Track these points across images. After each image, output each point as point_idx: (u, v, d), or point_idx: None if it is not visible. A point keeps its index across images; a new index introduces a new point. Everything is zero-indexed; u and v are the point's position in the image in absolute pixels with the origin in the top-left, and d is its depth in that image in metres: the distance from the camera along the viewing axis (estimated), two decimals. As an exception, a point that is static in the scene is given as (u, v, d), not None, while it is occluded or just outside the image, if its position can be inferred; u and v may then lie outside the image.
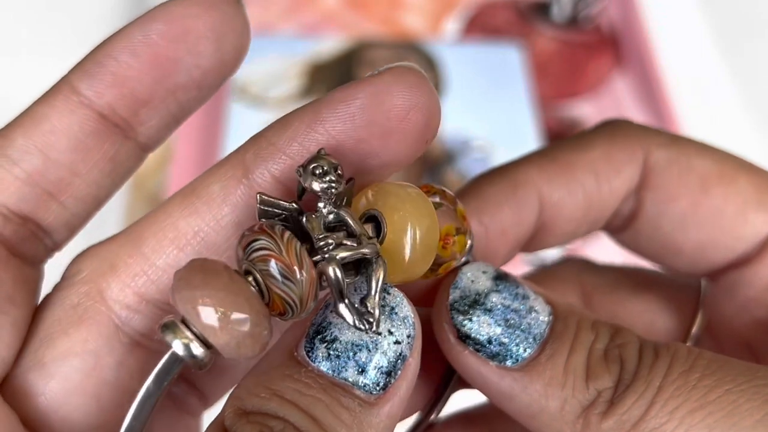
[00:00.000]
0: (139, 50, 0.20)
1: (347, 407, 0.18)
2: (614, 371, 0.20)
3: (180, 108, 0.21)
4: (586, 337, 0.21)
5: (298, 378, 0.18)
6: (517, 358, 0.21)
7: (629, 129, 0.25)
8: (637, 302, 0.28)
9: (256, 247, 0.18)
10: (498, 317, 0.21)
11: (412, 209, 0.19)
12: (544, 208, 0.24)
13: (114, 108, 0.21)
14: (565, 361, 0.20)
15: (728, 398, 0.19)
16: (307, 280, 0.18)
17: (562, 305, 0.22)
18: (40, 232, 0.21)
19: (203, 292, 0.17)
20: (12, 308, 0.21)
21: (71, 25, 0.72)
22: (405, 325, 0.19)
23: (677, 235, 0.24)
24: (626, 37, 0.74)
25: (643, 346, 0.20)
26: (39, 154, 0.20)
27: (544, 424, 0.21)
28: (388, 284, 0.20)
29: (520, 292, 0.22)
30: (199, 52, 0.20)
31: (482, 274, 0.22)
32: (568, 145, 0.25)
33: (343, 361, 0.19)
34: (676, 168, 0.24)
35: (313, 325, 0.19)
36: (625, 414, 0.19)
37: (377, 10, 0.74)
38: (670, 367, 0.19)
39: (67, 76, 0.21)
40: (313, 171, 0.18)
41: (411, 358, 0.19)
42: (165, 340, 0.18)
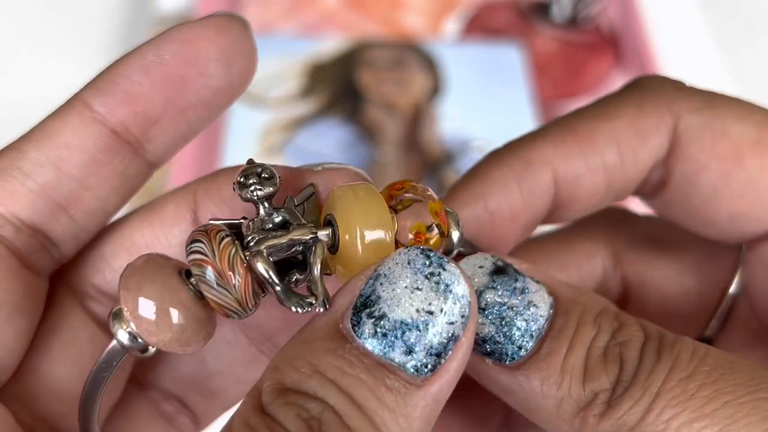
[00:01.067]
0: (151, 70, 0.21)
1: (391, 389, 0.18)
2: (612, 372, 0.19)
3: (189, 127, 0.22)
4: (586, 333, 0.20)
5: (342, 354, 0.18)
6: (513, 356, 0.20)
7: (659, 91, 0.23)
8: (669, 262, 0.26)
9: (193, 249, 0.19)
10: (493, 316, 0.21)
11: (358, 211, 0.19)
12: (560, 186, 0.23)
13: (126, 125, 0.21)
14: (563, 360, 0.20)
15: (726, 411, 0.18)
16: (240, 285, 0.19)
17: (565, 295, 0.21)
18: (49, 244, 0.22)
19: (139, 293, 0.19)
20: (20, 318, 0.21)
21: (71, 26, 0.72)
22: (460, 304, 0.18)
23: (708, 206, 0.23)
24: (626, 37, 0.74)
25: (645, 345, 0.20)
26: (52, 167, 0.21)
27: (543, 420, 0.21)
28: (444, 259, 0.19)
29: (518, 286, 0.21)
30: (210, 74, 0.21)
31: (478, 270, 0.21)
32: (592, 113, 0.24)
33: (390, 340, 0.18)
34: (709, 135, 0.23)
35: (361, 296, 0.18)
36: (621, 418, 0.19)
37: (377, 10, 0.74)
38: (670, 372, 0.19)
39: (79, 93, 0.21)
40: (238, 183, 0.19)
41: (464, 338, 0.18)
42: (111, 328, 0.19)
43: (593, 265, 0.27)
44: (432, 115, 0.65)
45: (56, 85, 0.68)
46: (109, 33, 0.71)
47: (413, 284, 0.18)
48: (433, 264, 0.18)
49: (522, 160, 0.23)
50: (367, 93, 0.66)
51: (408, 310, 0.18)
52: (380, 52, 0.69)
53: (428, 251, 0.19)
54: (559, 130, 0.23)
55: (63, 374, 0.22)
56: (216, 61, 0.21)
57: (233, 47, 0.21)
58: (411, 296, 0.18)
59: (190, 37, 0.21)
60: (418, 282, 0.18)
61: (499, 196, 0.23)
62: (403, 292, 0.18)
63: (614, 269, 0.27)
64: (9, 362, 0.21)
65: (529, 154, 0.23)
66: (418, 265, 0.18)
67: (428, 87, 0.67)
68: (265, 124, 0.62)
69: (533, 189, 0.23)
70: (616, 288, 0.27)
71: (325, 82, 0.67)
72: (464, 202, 0.23)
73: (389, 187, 0.21)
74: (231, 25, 0.21)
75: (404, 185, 0.21)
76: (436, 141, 0.64)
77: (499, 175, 0.23)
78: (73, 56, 0.70)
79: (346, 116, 0.65)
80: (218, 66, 0.21)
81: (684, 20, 0.76)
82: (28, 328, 0.21)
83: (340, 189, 0.20)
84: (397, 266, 0.18)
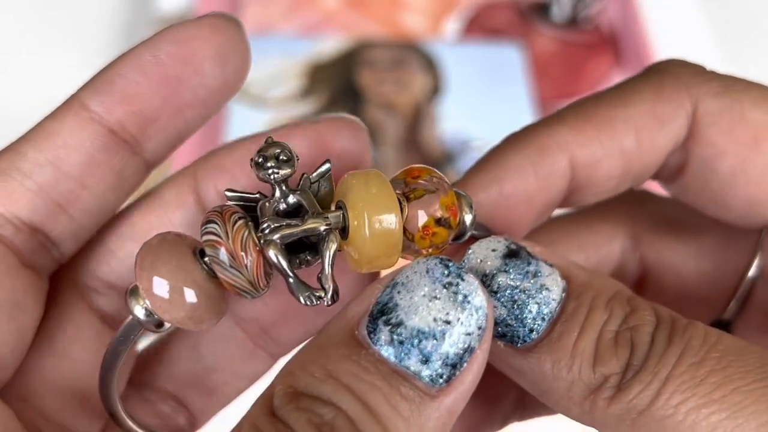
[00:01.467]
0: (148, 69, 0.21)
1: (406, 398, 0.17)
2: (623, 356, 0.19)
3: (185, 126, 0.22)
4: (598, 317, 0.20)
5: (357, 360, 0.18)
6: (524, 339, 0.20)
7: (678, 75, 0.23)
8: (688, 244, 0.26)
9: (207, 229, 0.19)
10: (505, 299, 0.20)
11: (368, 199, 0.19)
12: (577, 171, 0.23)
13: (123, 124, 0.21)
14: (573, 343, 0.20)
15: (734, 398, 0.18)
16: (252, 266, 0.19)
17: (579, 278, 0.21)
18: (48, 243, 0.22)
19: (153, 272, 0.19)
20: (20, 316, 0.21)
21: (71, 26, 0.72)
22: (477, 315, 0.18)
23: (726, 191, 0.23)
24: (626, 37, 0.74)
25: (657, 330, 0.20)
26: (50, 167, 0.21)
27: (554, 402, 0.21)
28: (462, 269, 0.19)
29: (531, 270, 0.21)
30: (205, 72, 0.21)
31: (491, 253, 0.21)
32: (610, 98, 0.23)
33: (407, 347, 0.18)
34: (727, 120, 0.22)
35: (378, 303, 0.18)
36: (631, 402, 0.19)
37: (377, 10, 0.74)
38: (680, 358, 0.19)
39: (76, 94, 0.22)
40: (255, 162, 0.20)
41: (479, 350, 0.18)
42: (128, 304, 0.20)
43: (612, 247, 0.27)
44: (432, 115, 0.65)
45: (56, 84, 0.68)
46: (109, 33, 0.71)
47: (431, 293, 0.18)
48: (452, 274, 0.18)
49: (538, 144, 0.23)
50: (367, 93, 0.66)
51: (425, 318, 0.18)
52: (380, 52, 0.69)
53: (447, 261, 0.19)
54: (577, 114, 0.23)
55: (67, 372, 0.22)
56: (211, 60, 0.21)
57: (228, 46, 0.21)
58: (429, 305, 0.18)
59: (186, 36, 0.21)
60: (436, 291, 0.18)
61: (514, 180, 0.23)
62: (421, 301, 0.18)
63: (633, 251, 0.27)
64: (10, 361, 0.21)
65: (546, 139, 0.23)
66: (437, 274, 0.18)
67: (428, 87, 0.67)
68: (265, 124, 0.62)
69: (549, 173, 0.23)
70: (634, 270, 0.27)
71: (325, 82, 0.67)
72: (480, 185, 0.23)
73: (406, 172, 0.21)
74: (225, 24, 0.21)
75: (421, 173, 0.21)
76: (436, 141, 0.64)
77: (515, 159, 0.23)
78: (73, 56, 0.70)
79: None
80: (213, 65, 0.21)
81: (684, 20, 0.76)
82: (29, 327, 0.21)
83: (352, 176, 0.20)
84: (416, 275, 0.18)
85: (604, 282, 0.21)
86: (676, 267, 0.26)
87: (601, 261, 0.27)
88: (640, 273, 0.27)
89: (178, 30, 0.21)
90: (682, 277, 0.26)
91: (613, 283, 0.21)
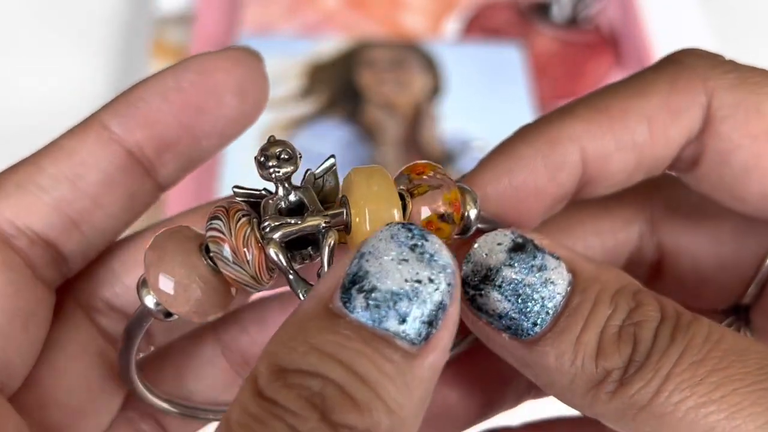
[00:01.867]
0: (170, 96, 0.22)
1: (390, 359, 0.17)
2: (625, 352, 0.20)
3: (200, 154, 0.23)
4: (602, 312, 0.20)
5: (337, 330, 0.18)
6: (528, 332, 0.21)
7: (693, 67, 0.23)
8: (707, 230, 0.26)
9: (211, 225, 0.20)
10: (508, 293, 0.21)
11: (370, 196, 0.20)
12: (588, 164, 0.23)
13: (142, 147, 0.22)
14: (577, 337, 0.20)
15: (733, 399, 0.18)
16: (254, 262, 0.20)
17: (585, 272, 0.21)
18: (59, 258, 0.22)
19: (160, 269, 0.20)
20: (33, 327, 0.21)
21: (71, 26, 0.72)
22: (445, 272, 0.18)
23: (740, 184, 0.23)
24: (626, 37, 0.74)
25: (661, 326, 0.20)
26: (68, 183, 0.21)
27: (558, 394, 0.21)
28: (425, 230, 0.19)
29: (536, 264, 0.21)
30: (225, 104, 0.22)
31: (497, 246, 0.21)
32: (623, 90, 0.23)
33: (383, 310, 0.18)
34: (742, 113, 0.22)
35: (348, 275, 0.18)
36: (632, 397, 0.19)
37: (377, 10, 0.74)
38: (682, 355, 0.19)
39: (97, 114, 0.22)
40: (258, 162, 0.20)
41: (451, 308, 0.19)
42: (139, 294, 0.20)
43: (629, 232, 0.27)
44: (432, 115, 0.65)
45: (56, 84, 0.68)
46: (109, 33, 0.71)
47: (399, 256, 0.18)
48: (416, 236, 0.19)
49: (549, 137, 0.23)
50: (367, 93, 0.66)
51: (397, 280, 0.18)
52: (380, 52, 0.69)
53: (409, 225, 0.19)
54: (589, 107, 0.23)
55: (69, 387, 0.23)
56: (232, 93, 0.22)
57: (248, 79, 0.22)
58: (399, 267, 0.18)
59: (209, 67, 0.22)
60: (403, 254, 0.18)
61: (524, 173, 0.23)
62: (390, 264, 0.18)
63: (650, 236, 0.27)
64: (21, 370, 0.21)
65: (557, 132, 0.23)
66: (401, 238, 0.19)
67: (428, 87, 0.67)
68: (265, 125, 0.62)
69: (560, 166, 0.23)
70: (651, 254, 0.27)
71: (325, 82, 0.67)
72: (489, 178, 0.23)
73: (410, 168, 0.21)
74: (247, 58, 0.22)
75: (425, 170, 0.21)
76: (436, 141, 0.64)
77: (525, 152, 0.23)
78: (73, 56, 0.70)
79: (346, 116, 0.65)
80: (234, 97, 0.22)
81: (684, 20, 0.76)
82: (39, 339, 0.22)
83: (355, 172, 0.20)
84: (381, 242, 0.19)
85: (611, 276, 0.21)
86: (693, 252, 0.26)
87: (618, 246, 0.27)
88: (657, 257, 0.27)
89: (202, 60, 0.22)
90: (700, 263, 0.26)
91: (620, 276, 0.21)
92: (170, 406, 0.25)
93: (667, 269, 0.27)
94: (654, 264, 0.27)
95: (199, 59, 0.22)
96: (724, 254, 0.26)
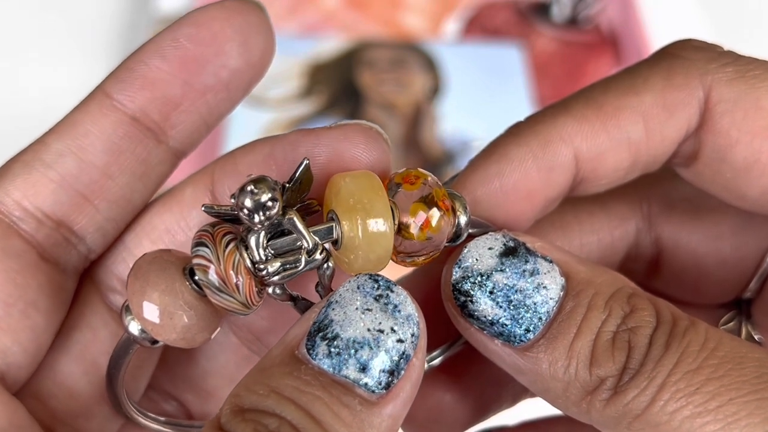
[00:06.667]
0: (168, 54, 0.21)
1: (348, 406, 0.18)
2: (619, 359, 0.19)
3: (210, 111, 0.22)
4: (596, 317, 0.20)
5: (298, 375, 0.18)
6: (521, 339, 0.20)
7: (690, 60, 0.22)
8: (706, 225, 0.26)
9: (198, 252, 0.19)
10: (500, 299, 0.20)
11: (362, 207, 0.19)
12: (582, 162, 0.22)
13: (146, 111, 0.21)
14: (570, 344, 0.20)
15: (729, 409, 0.18)
16: (244, 288, 0.19)
17: (579, 275, 0.21)
18: (73, 237, 0.22)
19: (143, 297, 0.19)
20: (34, 314, 0.21)
21: (72, 26, 0.72)
22: (408, 323, 0.19)
23: (739, 180, 0.22)
24: (626, 37, 0.74)
25: (656, 332, 0.19)
26: (73, 156, 0.21)
27: (553, 401, 0.21)
28: (391, 282, 0.19)
29: (528, 269, 0.21)
30: (226, 53, 0.21)
31: (487, 251, 0.21)
32: (618, 86, 0.22)
33: (343, 358, 0.18)
34: (741, 109, 0.22)
35: (315, 323, 0.19)
36: (627, 405, 0.19)
37: (377, 10, 0.74)
38: (677, 364, 0.19)
39: (100, 84, 0.21)
40: (242, 214, 0.18)
41: (415, 358, 0.19)
42: (123, 321, 0.20)
43: (626, 228, 0.26)
44: (432, 115, 0.65)
45: (57, 84, 0.68)
46: (109, 33, 0.71)
47: (363, 306, 0.19)
48: (381, 287, 0.19)
49: (541, 137, 0.22)
50: (367, 93, 0.66)
51: (359, 329, 0.18)
52: (380, 53, 0.69)
53: (376, 276, 0.19)
54: (582, 104, 0.22)
55: (81, 374, 0.22)
56: (232, 41, 0.21)
57: (249, 27, 0.21)
58: (362, 317, 0.19)
59: (205, 19, 0.21)
60: (368, 304, 0.19)
61: (515, 175, 0.22)
62: (354, 314, 0.19)
63: (648, 231, 0.26)
64: (24, 360, 0.21)
65: (549, 132, 0.22)
66: (367, 288, 0.19)
67: (428, 87, 0.67)
68: (266, 125, 0.62)
69: (551, 167, 0.22)
70: (649, 250, 0.27)
71: (325, 82, 0.67)
72: (480, 181, 0.23)
73: (402, 176, 0.21)
74: (246, 6, 0.21)
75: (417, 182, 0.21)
76: (436, 141, 0.64)
77: (516, 153, 0.22)
78: (73, 56, 0.70)
79: (346, 116, 0.64)
80: (234, 46, 0.21)
81: (684, 20, 0.76)
82: (46, 326, 0.21)
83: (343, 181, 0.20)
84: (348, 292, 0.19)
85: (605, 279, 0.21)
86: (693, 248, 0.26)
87: (615, 242, 0.26)
88: (655, 253, 0.27)
89: (198, 13, 0.21)
90: (700, 258, 0.26)
91: (615, 279, 0.21)
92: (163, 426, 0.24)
93: (666, 265, 0.27)
94: (652, 260, 0.27)
95: (195, 13, 0.21)
96: (724, 249, 0.25)
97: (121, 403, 0.22)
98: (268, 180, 0.18)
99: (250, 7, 0.21)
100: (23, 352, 0.21)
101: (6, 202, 0.21)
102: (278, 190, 0.18)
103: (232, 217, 0.19)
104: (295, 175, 0.19)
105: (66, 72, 0.68)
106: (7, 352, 0.20)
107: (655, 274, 0.27)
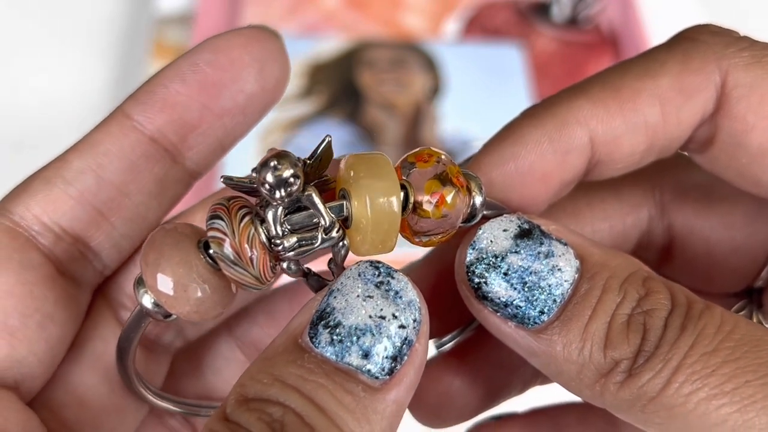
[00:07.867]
0: (187, 78, 0.21)
1: (351, 392, 0.18)
2: (634, 342, 0.19)
3: (226, 134, 0.22)
4: (610, 300, 0.20)
5: (301, 364, 0.18)
6: (535, 321, 0.20)
7: (707, 45, 0.22)
8: (719, 212, 0.26)
9: (213, 225, 0.19)
10: (514, 281, 0.20)
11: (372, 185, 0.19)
12: (598, 146, 0.22)
13: (164, 132, 0.22)
14: (585, 326, 0.20)
15: (746, 391, 0.18)
16: (258, 262, 0.19)
17: (593, 258, 0.21)
18: (90, 253, 0.22)
19: (157, 269, 0.19)
20: (52, 326, 0.21)
21: (71, 26, 0.72)
22: (410, 309, 0.19)
23: (755, 166, 0.22)
24: (626, 37, 0.74)
25: (671, 315, 0.19)
26: (93, 174, 0.21)
27: (566, 384, 0.21)
28: (392, 269, 0.19)
29: (543, 251, 0.21)
30: (243, 79, 0.22)
31: (502, 233, 0.21)
32: (634, 69, 0.22)
33: (346, 345, 0.18)
34: (757, 94, 0.22)
35: (317, 311, 0.19)
36: (641, 388, 0.19)
37: (377, 10, 0.74)
38: (693, 346, 0.19)
39: (121, 105, 0.22)
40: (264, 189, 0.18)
41: (417, 344, 0.19)
42: (136, 294, 0.20)
43: (639, 215, 0.26)
44: (432, 115, 0.65)
45: (57, 84, 0.68)
46: (109, 33, 0.71)
47: (365, 293, 0.19)
48: (382, 274, 0.19)
49: (557, 119, 0.22)
50: (367, 93, 0.66)
51: (361, 316, 0.19)
52: (380, 52, 0.69)
53: (377, 263, 0.19)
54: (599, 87, 0.22)
55: (93, 385, 0.23)
56: (249, 67, 0.22)
57: (266, 55, 0.22)
58: (363, 304, 0.19)
59: (224, 46, 0.21)
60: (369, 291, 0.19)
61: (530, 157, 0.22)
62: (356, 301, 0.19)
63: (660, 218, 0.26)
64: (39, 370, 0.21)
65: (565, 114, 0.22)
66: (368, 275, 0.19)
67: (428, 87, 0.67)
68: (266, 124, 0.62)
69: (567, 150, 0.22)
70: (661, 237, 0.27)
71: (325, 82, 0.67)
72: (495, 162, 0.23)
73: (416, 155, 0.21)
74: (263, 34, 0.22)
75: (430, 159, 0.21)
76: (436, 141, 0.64)
77: (531, 135, 0.22)
78: (73, 56, 0.70)
79: (346, 116, 0.65)
80: (251, 71, 0.22)
81: (684, 20, 0.76)
82: (60, 337, 0.21)
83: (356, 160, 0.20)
84: (349, 279, 0.19)
85: (620, 262, 0.21)
86: (705, 235, 0.26)
87: (627, 229, 0.26)
88: (667, 241, 0.27)
89: (217, 40, 0.22)
90: (712, 246, 0.26)
91: (630, 262, 0.21)
92: (172, 404, 0.24)
93: (678, 253, 0.27)
94: (664, 247, 0.27)
95: (215, 39, 0.22)
96: (737, 237, 0.25)
97: (130, 378, 0.22)
98: (291, 156, 0.18)
99: (267, 35, 0.22)
100: (38, 363, 0.21)
101: (26, 217, 0.21)
102: (300, 166, 0.18)
103: (250, 189, 0.19)
104: (316, 152, 0.19)
105: (66, 72, 0.68)
106: (23, 362, 0.21)
107: (666, 262, 0.27)
